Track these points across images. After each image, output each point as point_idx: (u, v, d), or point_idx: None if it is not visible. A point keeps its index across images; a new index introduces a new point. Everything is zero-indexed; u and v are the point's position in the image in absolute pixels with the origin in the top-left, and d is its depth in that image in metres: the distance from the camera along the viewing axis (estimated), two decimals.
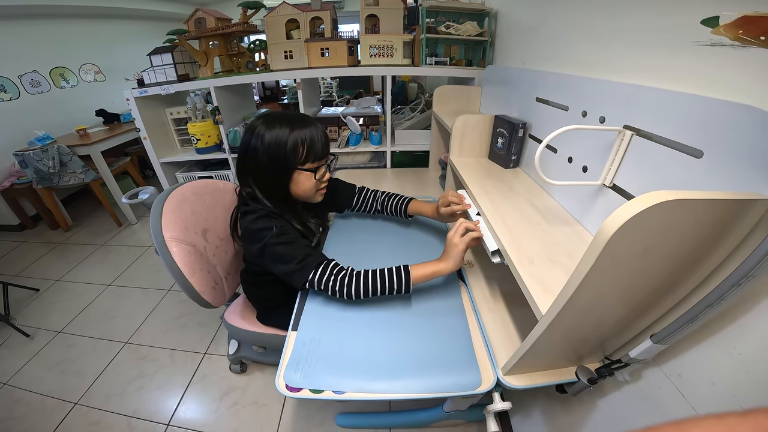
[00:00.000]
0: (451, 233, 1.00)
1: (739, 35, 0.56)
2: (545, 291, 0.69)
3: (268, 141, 0.97)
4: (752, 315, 0.56)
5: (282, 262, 1.01)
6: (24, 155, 2.81)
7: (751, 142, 0.51)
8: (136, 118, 2.06)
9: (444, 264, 0.99)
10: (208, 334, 2.06)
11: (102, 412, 1.65)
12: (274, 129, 0.97)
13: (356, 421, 1.53)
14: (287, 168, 1.01)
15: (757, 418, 0.27)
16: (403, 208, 1.33)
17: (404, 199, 1.34)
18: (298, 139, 0.97)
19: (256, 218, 1.03)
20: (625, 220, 0.44)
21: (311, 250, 1.03)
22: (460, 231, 0.99)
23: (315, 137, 1.00)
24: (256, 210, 1.04)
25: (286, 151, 0.97)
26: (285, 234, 1.02)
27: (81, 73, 3.94)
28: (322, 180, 1.09)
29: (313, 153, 1.01)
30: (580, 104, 0.92)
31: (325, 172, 1.10)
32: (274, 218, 1.03)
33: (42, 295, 2.49)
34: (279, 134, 0.97)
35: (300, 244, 1.03)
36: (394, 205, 1.35)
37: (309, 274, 0.98)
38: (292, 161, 1.00)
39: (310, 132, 0.99)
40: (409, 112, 2.47)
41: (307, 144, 0.99)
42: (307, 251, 1.01)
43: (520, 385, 0.83)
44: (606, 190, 0.82)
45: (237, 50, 2.08)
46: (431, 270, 1.00)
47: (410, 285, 0.98)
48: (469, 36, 1.72)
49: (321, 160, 1.05)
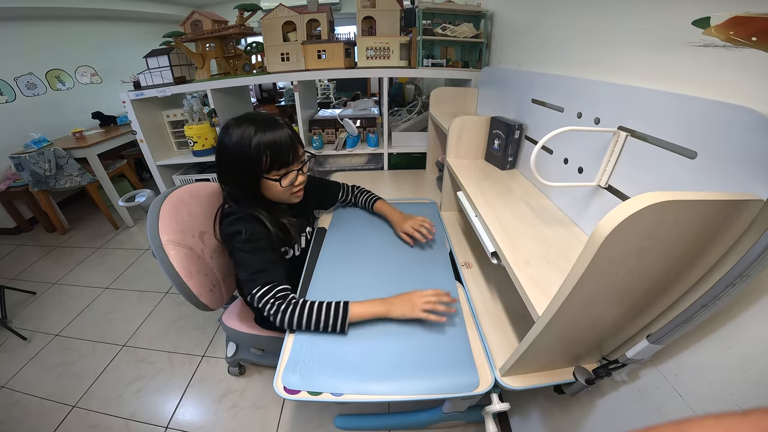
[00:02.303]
0: (420, 294, 0.96)
1: (731, 36, 0.56)
2: (541, 292, 0.69)
3: (234, 144, 0.97)
4: (748, 315, 0.56)
5: (240, 268, 1.01)
6: (20, 158, 2.80)
7: (745, 142, 0.51)
8: (132, 121, 2.05)
9: (388, 309, 0.96)
10: (206, 336, 2.05)
11: (100, 415, 1.65)
12: (240, 130, 0.97)
13: (355, 423, 1.52)
14: (254, 173, 1.01)
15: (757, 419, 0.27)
16: (370, 205, 1.47)
17: (373, 198, 1.48)
18: (262, 145, 0.96)
19: (232, 221, 1.04)
20: (620, 222, 0.44)
21: (271, 266, 1.01)
22: (427, 299, 0.95)
23: (280, 142, 0.98)
24: (234, 212, 1.05)
25: (250, 156, 0.97)
26: (252, 242, 1.01)
27: (77, 76, 3.93)
28: (293, 185, 1.08)
29: (277, 161, 1.00)
30: (575, 105, 0.92)
31: (297, 177, 1.08)
32: (249, 222, 1.04)
33: (39, 299, 2.49)
34: (244, 136, 0.96)
35: (262, 256, 1.01)
36: (364, 201, 1.50)
37: (254, 288, 0.97)
38: (257, 168, 0.99)
39: (274, 137, 0.98)
40: (406, 113, 2.47)
41: (271, 151, 0.98)
42: (264, 266, 0.99)
43: (518, 386, 0.83)
44: (601, 191, 0.82)
45: (234, 52, 2.08)
46: (372, 312, 0.96)
47: (345, 325, 0.93)
48: (465, 38, 1.73)
49: (288, 166, 1.04)
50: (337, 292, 1.13)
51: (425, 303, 0.93)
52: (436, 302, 0.94)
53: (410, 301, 0.95)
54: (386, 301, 0.97)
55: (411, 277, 1.18)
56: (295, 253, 1.26)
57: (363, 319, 0.96)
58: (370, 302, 0.97)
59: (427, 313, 0.93)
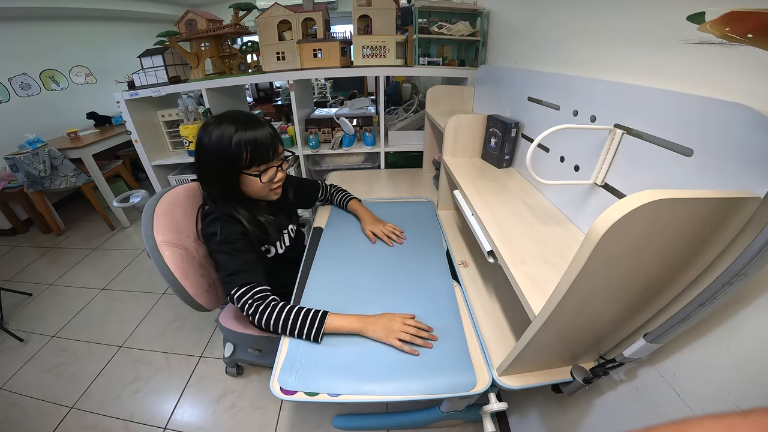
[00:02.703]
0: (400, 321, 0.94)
1: (726, 33, 0.56)
2: (538, 291, 0.69)
3: (214, 142, 0.97)
4: (745, 313, 0.56)
5: (219, 269, 1.02)
6: (14, 159, 2.78)
7: (741, 140, 0.51)
8: (127, 121, 2.04)
9: (364, 327, 0.94)
10: (203, 337, 2.04)
11: (98, 416, 1.64)
12: (220, 130, 0.97)
13: (353, 423, 1.52)
14: (233, 170, 1.01)
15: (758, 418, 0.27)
16: (344, 203, 1.54)
17: (347, 197, 1.54)
18: (242, 142, 0.97)
19: (210, 221, 1.06)
20: (616, 220, 0.44)
21: (249, 266, 1.02)
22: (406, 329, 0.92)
23: (260, 140, 0.99)
24: (212, 212, 1.07)
25: (230, 154, 0.97)
26: (229, 243, 1.02)
27: (71, 76, 3.91)
28: (272, 181, 1.09)
29: (258, 157, 1.01)
30: (571, 103, 0.92)
31: (276, 174, 1.08)
32: (226, 222, 1.04)
33: (35, 300, 2.47)
34: (223, 135, 0.97)
35: (240, 257, 1.02)
36: (339, 200, 1.56)
37: (232, 289, 0.97)
38: (237, 164, 1.00)
39: (256, 135, 0.98)
40: (403, 112, 2.47)
41: (251, 147, 0.98)
42: (241, 267, 1.00)
43: (516, 386, 0.83)
44: (598, 189, 0.82)
45: (229, 52, 2.07)
46: (349, 327, 0.94)
47: (320, 335, 0.92)
48: (461, 36, 1.72)
49: (268, 162, 1.05)
50: (334, 291, 1.13)
51: (402, 332, 0.91)
52: (415, 335, 0.91)
53: (388, 326, 0.92)
54: (365, 319, 0.95)
55: (407, 275, 1.18)
56: (278, 251, 1.25)
57: (338, 331, 0.94)
58: (349, 317, 0.96)
59: (402, 343, 0.90)
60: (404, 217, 1.51)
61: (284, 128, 2.23)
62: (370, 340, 0.95)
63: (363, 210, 1.48)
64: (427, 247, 1.32)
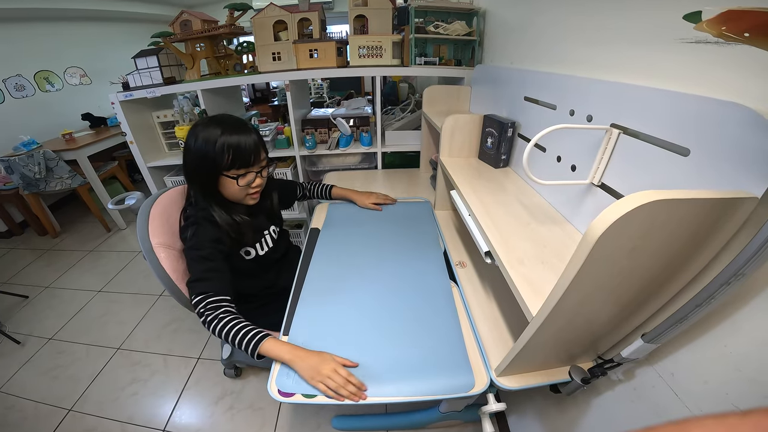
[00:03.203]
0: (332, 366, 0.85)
1: (723, 32, 0.56)
2: (535, 292, 0.69)
3: (199, 142, 1.00)
4: (743, 313, 0.56)
5: (188, 271, 1.06)
6: (9, 161, 2.76)
7: (738, 139, 0.51)
8: (122, 122, 2.02)
9: (293, 360, 0.88)
10: (200, 338, 2.04)
11: (97, 419, 1.64)
12: (207, 131, 1.00)
13: (352, 424, 1.52)
14: (213, 171, 1.03)
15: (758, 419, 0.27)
16: (327, 193, 1.63)
17: (327, 186, 1.64)
18: (225, 145, 0.99)
19: (185, 225, 1.11)
20: (613, 221, 0.44)
21: (211, 275, 1.02)
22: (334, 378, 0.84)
23: (243, 145, 1.02)
24: (190, 215, 1.10)
25: (213, 154, 1.00)
26: (197, 249, 1.05)
27: (66, 77, 3.89)
28: (250, 186, 1.10)
29: (238, 160, 1.02)
30: (568, 103, 0.92)
31: (254, 179, 1.09)
32: (201, 227, 1.06)
33: (32, 302, 2.46)
34: (209, 137, 0.99)
35: (204, 265, 1.03)
36: (320, 191, 1.64)
37: (191, 294, 1.00)
38: (218, 165, 1.02)
39: (240, 139, 1.01)
40: (400, 112, 2.46)
41: (233, 150, 1.01)
42: (204, 275, 1.01)
43: (514, 386, 0.83)
44: (594, 189, 0.82)
45: (224, 52, 2.06)
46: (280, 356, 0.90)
47: (255, 355, 0.91)
48: (457, 35, 1.72)
49: (248, 167, 1.06)
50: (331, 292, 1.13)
51: (329, 378, 0.83)
52: (342, 385, 0.83)
53: (317, 369, 0.85)
54: (299, 353, 0.89)
55: (405, 276, 1.18)
56: (258, 252, 1.25)
57: (271, 357, 0.92)
58: (285, 345, 0.92)
59: (326, 387, 0.83)
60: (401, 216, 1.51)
61: (281, 128, 2.22)
62: (368, 343, 0.95)
63: (348, 191, 1.63)
64: (425, 247, 1.32)
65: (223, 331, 0.93)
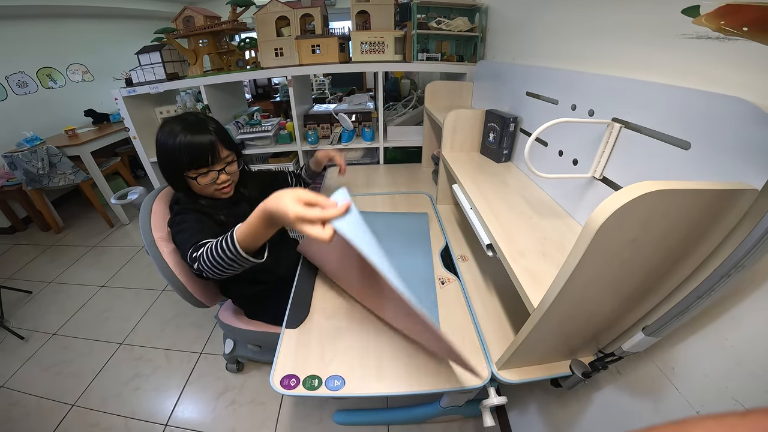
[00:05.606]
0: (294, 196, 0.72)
1: (722, 26, 0.56)
2: (537, 284, 0.69)
3: (161, 143, 1.02)
4: (743, 306, 0.57)
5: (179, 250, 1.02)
6: (13, 157, 2.78)
7: (738, 133, 0.51)
8: (125, 118, 2.03)
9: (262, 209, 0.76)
10: (203, 333, 2.05)
11: (100, 414, 1.65)
12: (166, 132, 1.01)
13: (354, 418, 1.53)
14: (176, 170, 1.04)
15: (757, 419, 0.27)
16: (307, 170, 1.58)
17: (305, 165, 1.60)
18: (182, 145, 0.99)
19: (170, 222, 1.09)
20: (612, 212, 0.44)
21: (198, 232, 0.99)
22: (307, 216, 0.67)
23: (198, 146, 1.01)
24: (172, 208, 1.11)
25: (172, 155, 1.01)
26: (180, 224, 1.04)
27: (69, 73, 3.90)
28: (215, 183, 1.09)
29: (196, 161, 1.02)
30: (570, 98, 0.92)
31: (218, 176, 1.08)
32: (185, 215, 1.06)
33: (35, 298, 2.48)
34: (168, 138, 1.00)
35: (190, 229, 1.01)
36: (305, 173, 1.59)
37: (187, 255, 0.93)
38: (177, 166, 1.03)
39: (194, 140, 1.00)
40: (402, 108, 2.46)
41: (190, 151, 1.01)
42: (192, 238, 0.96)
43: (515, 380, 0.83)
44: (596, 183, 0.82)
45: (227, 48, 2.06)
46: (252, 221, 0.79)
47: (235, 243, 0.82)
48: (460, 31, 1.72)
49: (208, 166, 1.05)
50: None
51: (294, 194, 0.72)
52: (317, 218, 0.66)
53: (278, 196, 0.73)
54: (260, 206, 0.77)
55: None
56: None
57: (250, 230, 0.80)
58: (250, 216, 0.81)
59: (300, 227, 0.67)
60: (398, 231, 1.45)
61: (283, 124, 2.22)
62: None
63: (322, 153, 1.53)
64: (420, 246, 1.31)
65: (209, 257, 0.87)
